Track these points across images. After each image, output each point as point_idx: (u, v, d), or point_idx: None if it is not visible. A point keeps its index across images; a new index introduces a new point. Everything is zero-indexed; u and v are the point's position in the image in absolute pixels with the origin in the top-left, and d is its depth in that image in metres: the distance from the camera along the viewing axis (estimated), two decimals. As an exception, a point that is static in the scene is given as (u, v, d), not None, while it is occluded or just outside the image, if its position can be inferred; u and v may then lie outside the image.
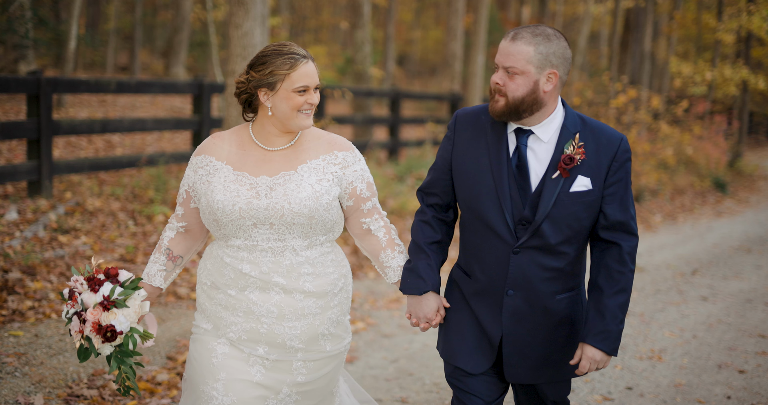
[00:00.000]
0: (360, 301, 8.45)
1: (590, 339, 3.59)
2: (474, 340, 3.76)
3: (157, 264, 3.85)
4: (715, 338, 7.85)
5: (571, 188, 3.55)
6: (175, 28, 25.76)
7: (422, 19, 48.57)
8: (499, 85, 3.54)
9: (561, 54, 3.53)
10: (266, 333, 3.64)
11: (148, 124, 11.38)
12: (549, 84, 3.53)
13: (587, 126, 3.63)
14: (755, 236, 14.26)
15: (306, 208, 3.57)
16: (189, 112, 17.34)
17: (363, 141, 16.05)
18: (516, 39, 3.51)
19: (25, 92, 9.44)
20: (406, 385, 6.29)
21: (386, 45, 28.08)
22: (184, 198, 3.80)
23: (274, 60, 3.59)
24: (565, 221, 3.56)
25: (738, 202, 19.14)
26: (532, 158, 3.61)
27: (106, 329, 3.44)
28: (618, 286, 3.59)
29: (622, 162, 3.61)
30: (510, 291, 3.64)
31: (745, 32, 24.98)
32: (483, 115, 3.74)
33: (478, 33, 17.70)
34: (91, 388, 5.69)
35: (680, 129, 22.35)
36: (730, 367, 7.02)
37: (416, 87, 39.74)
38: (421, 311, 3.79)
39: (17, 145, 12.43)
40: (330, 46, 42.00)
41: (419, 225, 3.87)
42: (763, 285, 10.31)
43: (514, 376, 3.74)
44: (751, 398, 6.30)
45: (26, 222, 8.81)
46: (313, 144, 3.74)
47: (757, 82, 24.48)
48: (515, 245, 3.60)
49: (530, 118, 3.58)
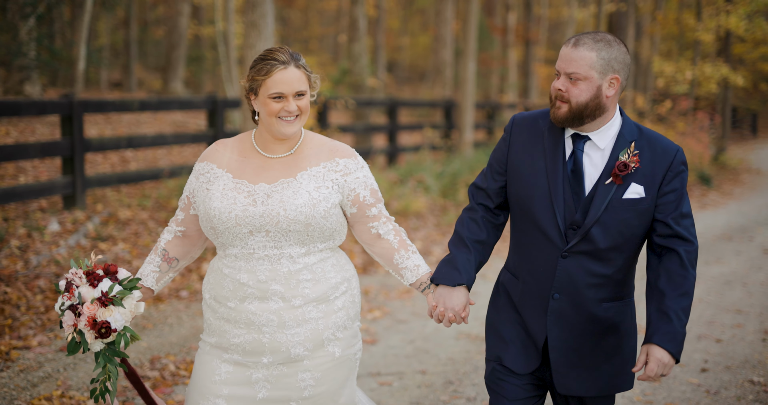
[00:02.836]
0: (374, 293, 9.29)
1: (657, 338, 3.52)
2: (520, 343, 3.75)
3: (151, 265, 3.83)
4: (696, 314, 8.73)
5: (624, 195, 3.55)
6: (172, 44, 26.24)
7: (409, 25, 49.34)
8: (562, 91, 3.56)
9: (622, 59, 3.55)
10: (269, 342, 3.61)
11: (169, 138, 12.28)
12: (611, 89, 3.55)
13: (644, 135, 3.64)
14: (737, 225, 15.10)
15: (302, 215, 3.54)
16: (192, 126, 18.28)
17: (364, 148, 16.99)
18: (578, 45, 3.53)
19: (60, 113, 10.32)
20: (424, 360, 7.15)
21: (376, 54, 28.75)
22: (185, 203, 3.80)
23: (255, 65, 3.60)
24: (615, 227, 3.56)
25: (722, 195, 19.94)
26: (588, 164, 3.63)
27: (101, 325, 3.47)
28: (681, 289, 3.56)
29: (677, 172, 3.59)
30: (556, 294, 3.64)
31: (723, 31, 25.82)
32: (541, 120, 3.76)
33: (468, 41, 18.55)
34: (153, 369, 6.56)
35: (664, 126, 23.15)
36: (709, 337, 7.91)
37: (406, 93, 40.48)
38: (450, 301, 3.72)
39: (41, 162, 13.27)
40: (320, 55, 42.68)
41: (467, 221, 3.84)
42: (742, 268, 11.20)
43: (566, 387, 3.71)
44: (725, 362, 7.20)
45: (67, 232, 9.67)
46: (315, 151, 3.72)
47: (736, 79, 25.33)
48: (564, 249, 3.60)
49: (590, 124, 3.61)
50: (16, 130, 15.34)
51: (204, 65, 31.42)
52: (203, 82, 31.55)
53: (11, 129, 15.04)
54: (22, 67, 16.96)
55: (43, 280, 8.03)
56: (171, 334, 7.46)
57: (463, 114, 18.52)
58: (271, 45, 10.77)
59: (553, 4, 41.84)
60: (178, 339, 7.34)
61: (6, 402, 5.71)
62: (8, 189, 9.54)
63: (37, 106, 10.27)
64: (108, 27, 30.60)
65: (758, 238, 13.65)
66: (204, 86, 31.37)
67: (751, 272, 10.93)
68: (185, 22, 26.24)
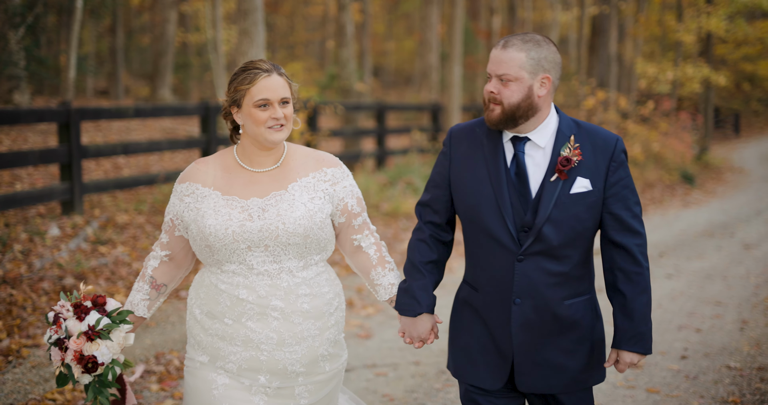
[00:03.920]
0: (367, 291, 9.55)
1: (625, 345, 3.65)
2: (486, 356, 3.75)
3: (140, 293, 3.77)
4: (677, 306, 9.07)
5: (572, 190, 3.56)
6: (160, 51, 26.32)
7: (395, 30, 49.66)
8: (494, 93, 3.55)
9: (552, 59, 3.55)
10: (267, 360, 3.58)
11: (163, 144, 12.56)
12: (543, 89, 3.55)
13: (582, 129, 3.64)
14: (719, 222, 15.44)
15: (301, 228, 3.54)
16: (181, 132, 18.57)
17: (354, 152, 17.34)
18: (507, 46, 3.53)
19: (57, 121, 10.59)
20: (417, 352, 7.45)
21: (363, 58, 28.96)
22: (170, 226, 3.73)
23: (237, 76, 3.57)
24: (567, 223, 3.56)
25: (705, 193, 20.26)
26: (531, 164, 3.62)
27: (87, 360, 3.41)
28: (639, 287, 3.63)
29: (620, 162, 3.61)
30: (517, 299, 3.62)
31: (704, 32, 26.20)
32: (477, 128, 3.75)
33: (453, 45, 18.84)
34: (159, 364, 6.87)
35: (648, 127, 23.49)
36: (689, 327, 8.25)
37: (392, 97, 40.74)
38: (415, 331, 3.82)
39: (35, 169, 13.53)
40: (306, 60, 42.93)
41: (416, 244, 3.86)
42: (723, 263, 11.55)
43: (527, 385, 3.71)
44: (704, 349, 7.54)
45: (68, 236, 9.94)
46: (301, 162, 3.71)
47: (718, 79, 25.72)
48: (519, 252, 3.59)
49: (526, 125, 3.60)
50: (8, 138, 15.57)
51: (191, 72, 31.64)
52: (190, 88, 31.73)
53: (4, 137, 15.28)
54: (11, 77, 17.13)
55: (47, 283, 8.31)
56: (174, 332, 7.75)
57: (449, 117, 18.84)
58: (262, 51, 11.14)
59: (537, 7, 42.29)
60: (180, 336, 7.62)
61: (21, 396, 6.00)
62: (9, 195, 9.81)
63: (35, 114, 10.54)
64: (93, 35, 30.68)
65: (739, 234, 14.02)
66: (191, 93, 31.57)
67: (731, 266, 11.28)
68: (173, 30, 26.34)
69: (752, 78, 42.68)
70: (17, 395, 6.02)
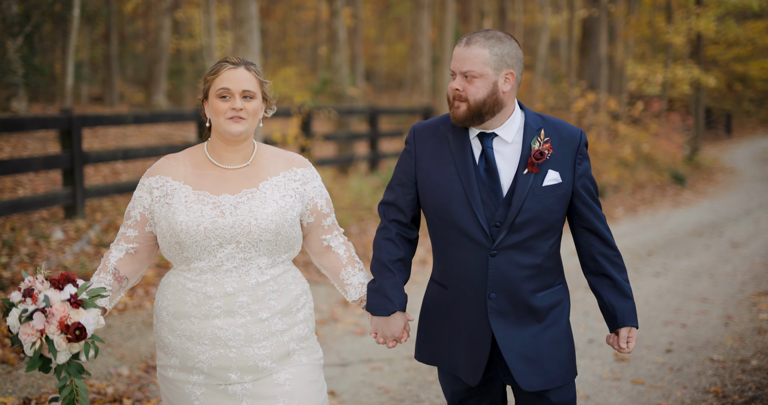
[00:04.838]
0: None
1: (630, 321, 3.76)
2: (464, 354, 3.78)
3: (102, 284, 3.63)
4: (664, 303, 9.36)
5: (543, 183, 3.60)
6: (154, 58, 26.49)
7: (386, 34, 49.89)
8: (459, 90, 3.58)
9: (515, 54, 3.58)
10: (236, 357, 3.57)
11: (161, 150, 12.81)
12: (507, 84, 3.58)
13: (547, 122, 3.70)
14: (708, 222, 15.75)
15: (273, 224, 3.55)
16: (177, 138, 18.82)
17: (347, 155, 17.62)
18: (470, 43, 3.56)
19: (59, 128, 10.85)
20: (411, 348, 7.68)
21: (355, 63, 29.08)
22: (138, 221, 3.66)
23: (209, 70, 3.64)
24: (539, 215, 3.60)
25: (696, 194, 20.57)
26: (500, 160, 3.66)
27: (75, 327, 3.23)
28: (621, 267, 3.78)
29: (584, 154, 3.69)
30: (492, 294, 3.65)
31: (694, 34, 26.46)
32: (442, 126, 3.78)
33: (445, 49, 19.14)
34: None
35: (638, 128, 23.75)
36: (675, 323, 8.54)
37: (384, 101, 40.91)
38: (388, 331, 3.80)
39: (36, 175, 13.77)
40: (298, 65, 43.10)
41: (382, 242, 3.84)
42: (710, 261, 11.85)
43: (528, 383, 3.70)
44: (689, 343, 7.84)
45: (71, 240, 10.20)
46: (272, 161, 3.72)
47: (708, 80, 25.99)
48: (492, 247, 3.61)
49: (492, 121, 3.62)
50: (8, 145, 15.79)
51: (185, 78, 31.83)
52: (184, 94, 31.90)
53: (4, 144, 15.50)
54: (9, 85, 17.32)
55: (52, 285, 8.58)
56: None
57: (441, 120, 19.04)
58: (257, 58, 11.42)
59: (528, 11, 42.57)
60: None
61: (35, 390, 6.26)
62: (15, 200, 10.06)
63: (39, 121, 10.81)
64: (87, 42, 30.84)
65: (727, 233, 14.31)
66: (185, 99, 31.74)
67: (718, 264, 11.58)
68: (167, 37, 26.50)
69: (744, 78, 43.02)
70: (31, 389, 6.27)
